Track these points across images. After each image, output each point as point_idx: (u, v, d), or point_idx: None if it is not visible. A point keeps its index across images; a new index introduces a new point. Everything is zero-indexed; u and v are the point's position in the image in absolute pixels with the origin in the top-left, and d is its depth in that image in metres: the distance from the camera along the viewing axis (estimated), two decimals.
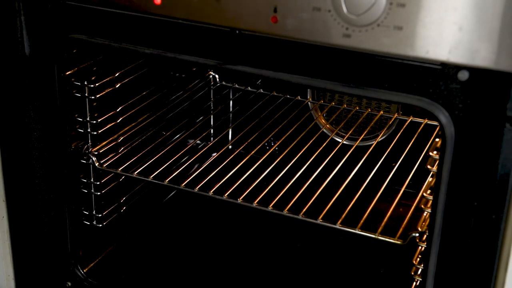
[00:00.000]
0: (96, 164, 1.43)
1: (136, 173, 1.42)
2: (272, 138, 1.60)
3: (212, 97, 1.83)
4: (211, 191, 1.35)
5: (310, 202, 1.31)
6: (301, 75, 1.06)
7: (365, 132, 1.61)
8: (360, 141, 1.57)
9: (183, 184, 1.37)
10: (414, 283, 1.22)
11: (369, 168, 1.46)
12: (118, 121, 1.50)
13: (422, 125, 1.61)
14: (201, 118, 1.77)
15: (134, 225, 1.64)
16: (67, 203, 1.37)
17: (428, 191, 1.16)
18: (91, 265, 1.49)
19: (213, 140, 1.76)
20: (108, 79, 1.46)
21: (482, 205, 0.97)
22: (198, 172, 1.48)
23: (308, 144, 1.54)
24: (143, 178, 1.41)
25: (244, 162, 1.48)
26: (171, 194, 1.76)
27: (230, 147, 1.71)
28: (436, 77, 0.96)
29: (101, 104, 1.46)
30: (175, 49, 1.15)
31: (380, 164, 1.46)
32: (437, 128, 1.26)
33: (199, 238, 1.61)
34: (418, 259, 1.20)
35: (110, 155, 1.49)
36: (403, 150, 1.53)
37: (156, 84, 1.65)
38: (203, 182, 1.38)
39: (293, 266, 1.51)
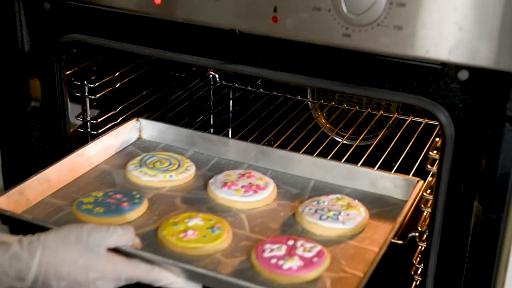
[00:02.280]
0: None
1: None
2: (272, 138, 1.59)
3: (212, 96, 1.83)
4: None
5: None
6: (301, 75, 1.06)
7: (365, 131, 1.61)
8: (360, 140, 1.57)
9: None
10: (414, 282, 1.22)
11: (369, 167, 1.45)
12: (118, 121, 1.50)
13: (422, 125, 1.61)
14: (201, 117, 1.77)
15: None
16: None
17: (428, 191, 1.16)
18: None
19: None
20: (108, 78, 1.46)
21: (482, 205, 0.96)
22: None
23: (308, 143, 1.54)
24: None
25: None
26: None
27: None
28: (436, 77, 0.96)
29: (101, 104, 1.46)
30: (175, 49, 1.15)
31: (380, 164, 1.46)
32: (437, 128, 1.26)
33: None
34: (418, 258, 1.19)
35: None
36: (403, 150, 1.53)
37: (156, 84, 1.65)
38: None
39: None
